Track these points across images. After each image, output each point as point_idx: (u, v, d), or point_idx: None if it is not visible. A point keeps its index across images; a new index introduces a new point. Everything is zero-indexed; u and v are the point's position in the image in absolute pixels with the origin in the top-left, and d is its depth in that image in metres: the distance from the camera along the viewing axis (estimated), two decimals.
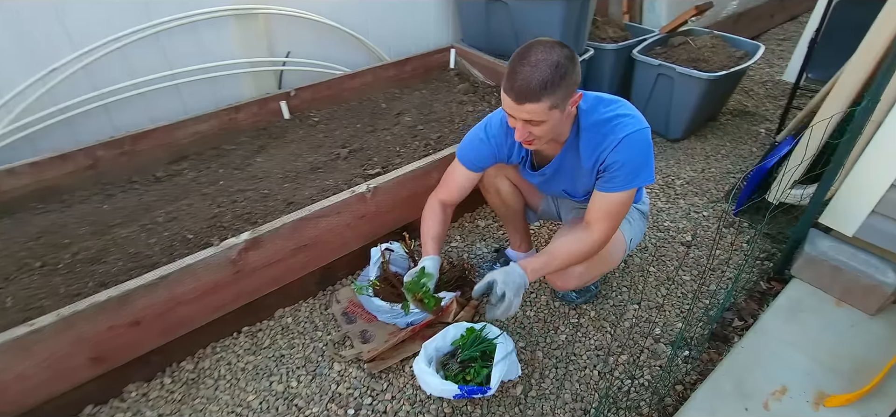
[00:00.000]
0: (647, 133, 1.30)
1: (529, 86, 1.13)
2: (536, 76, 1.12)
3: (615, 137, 1.28)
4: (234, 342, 1.67)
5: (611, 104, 1.32)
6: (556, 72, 1.13)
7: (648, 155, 1.32)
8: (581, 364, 1.67)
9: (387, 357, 1.63)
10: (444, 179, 1.63)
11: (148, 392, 1.50)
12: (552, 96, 1.15)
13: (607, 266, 1.59)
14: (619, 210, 1.37)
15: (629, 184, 1.32)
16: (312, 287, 1.86)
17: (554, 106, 1.17)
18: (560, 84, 1.15)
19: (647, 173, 1.32)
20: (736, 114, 3.26)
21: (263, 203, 1.90)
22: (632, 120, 1.29)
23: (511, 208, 1.79)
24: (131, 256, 1.60)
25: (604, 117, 1.31)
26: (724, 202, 2.44)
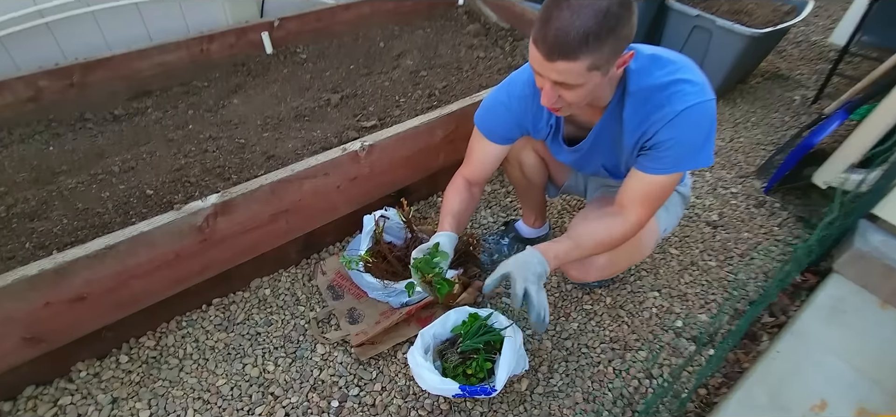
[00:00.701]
0: (712, 106, 1.04)
1: (566, 37, 0.86)
2: (577, 25, 0.85)
3: (671, 109, 1.02)
4: (202, 316, 1.47)
5: (668, 65, 1.04)
6: (604, 22, 0.85)
7: (710, 134, 1.06)
8: (594, 357, 1.49)
9: (377, 341, 1.43)
10: (467, 151, 1.35)
11: (100, 371, 1.30)
12: (594, 53, 0.88)
13: (635, 257, 1.37)
14: (660, 194, 1.13)
15: (679, 167, 1.08)
16: (294, 254, 1.64)
17: (595, 66, 0.90)
18: (607, 38, 0.87)
19: (704, 155, 1.07)
20: (768, 78, 2.97)
21: (238, 155, 1.64)
22: (695, 88, 1.02)
23: (533, 184, 1.54)
24: (78, 213, 1.36)
25: (659, 82, 1.03)
26: (755, 178, 2.21)
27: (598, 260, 1.26)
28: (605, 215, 1.19)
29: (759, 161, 2.30)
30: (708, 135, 1.05)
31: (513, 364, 1.28)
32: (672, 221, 1.42)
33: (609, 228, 1.16)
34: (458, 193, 1.34)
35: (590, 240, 1.17)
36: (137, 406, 1.25)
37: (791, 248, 1.87)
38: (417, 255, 1.25)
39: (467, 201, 1.34)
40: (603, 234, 1.16)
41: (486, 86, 2.14)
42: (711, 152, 1.08)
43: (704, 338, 1.57)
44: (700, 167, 1.09)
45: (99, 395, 1.25)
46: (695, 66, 1.06)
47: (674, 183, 1.12)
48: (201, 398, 1.29)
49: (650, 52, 1.06)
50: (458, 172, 1.36)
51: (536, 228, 1.73)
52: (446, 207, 1.33)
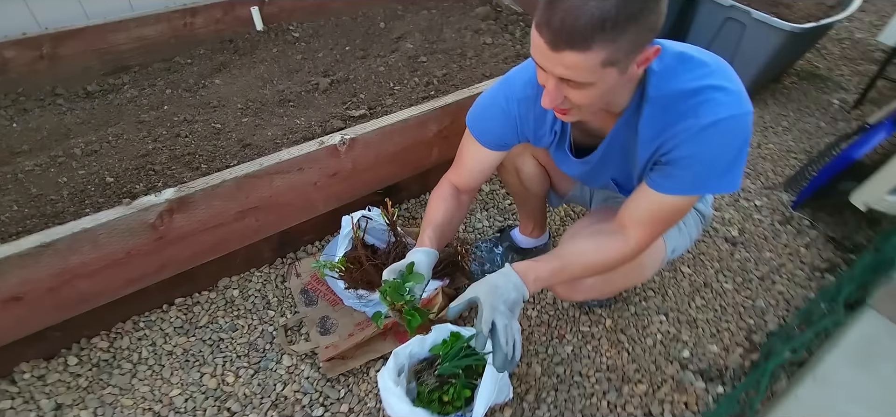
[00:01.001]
0: (747, 121, 0.84)
1: (576, 21, 0.69)
2: (591, 5, 0.68)
3: (696, 121, 0.83)
4: (162, 317, 1.36)
5: (699, 68, 0.85)
6: (625, 5, 0.68)
7: (740, 154, 0.87)
8: (587, 388, 1.35)
9: (348, 357, 1.31)
10: (457, 154, 1.18)
11: (46, 373, 1.21)
12: (611, 44, 0.71)
13: (633, 280, 1.20)
14: (669, 217, 0.96)
15: (697, 190, 0.90)
16: (267, 253, 1.52)
17: (611, 61, 0.73)
18: (628, 26, 0.70)
19: (730, 179, 0.88)
20: (804, 77, 2.72)
21: (212, 141, 1.51)
22: (729, 98, 0.83)
23: (532, 193, 1.38)
24: (31, 199, 1.25)
25: (685, 87, 0.84)
26: (783, 190, 2.00)
27: (588, 280, 1.11)
28: (600, 233, 1.02)
29: (788, 171, 2.09)
30: (737, 155, 0.86)
31: (493, 393, 1.14)
32: (684, 243, 1.24)
33: (604, 250, 1.00)
34: (444, 202, 1.17)
35: (579, 262, 1.00)
36: (82, 414, 1.16)
37: (818, 274, 1.68)
38: (387, 277, 1.06)
39: (453, 211, 1.17)
40: (595, 256, 1.00)
41: (490, 76, 1.97)
42: (739, 175, 0.89)
43: (713, 374, 1.41)
44: (723, 192, 0.91)
45: (42, 400, 1.16)
46: (731, 70, 0.87)
47: (687, 206, 0.94)
48: (152, 409, 1.19)
49: (678, 51, 0.87)
50: (446, 176, 1.19)
51: (534, 238, 1.58)
52: (428, 217, 1.17)
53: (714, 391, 1.36)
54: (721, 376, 1.41)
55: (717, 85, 0.83)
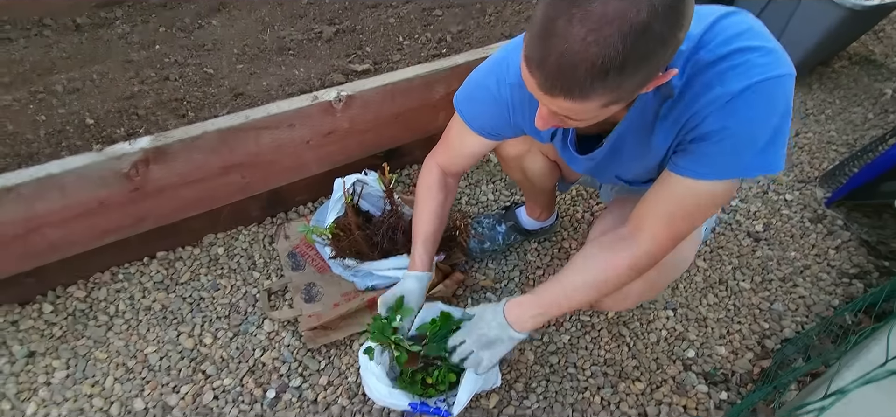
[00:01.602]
0: (788, 84, 0.69)
1: (573, 71, 0.56)
2: (592, 53, 0.54)
3: (727, 89, 0.67)
4: (142, 270, 1.31)
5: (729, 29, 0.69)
6: (636, 48, 0.54)
7: (783, 124, 0.71)
8: (581, 381, 1.27)
9: (331, 328, 1.25)
10: (445, 134, 1.04)
11: (19, 319, 1.18)
12: (614, 91, 0.58)
13: (678, 271, 1.08)
14: (696, 213, 0.80)
15: (733, 172, 0.73)
16: (256, 212, 1.45)
17: (613, 102, 0.62)
18: (639, 68, 0.57)
19: (772, 156, 0.71)
20: (856, 62, 2.47)
21: (203, 87, 1.42)
22: (765, 58, 0.67)
23: (538, 187, 1.27)
24: (6, 136, 1.19)
25: (711, 57, 0.69)
26: (818, 185, 1.84)
27: (634, 288, 0.95)
28: (605, 247, 0.87)
29: (826, 165, 1.91)
30: (779, 126, 0.70)
31: (479, 381, 1.07)
32: (712, 220, 1.11)
33: (612, 262, 0.85)
34: (432, 200, 1.05)
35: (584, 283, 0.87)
36: (55, 364, 1.13)
37: (845, 280, 1.55)
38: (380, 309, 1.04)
39: (443, 208, 1.07)
40: (603, 272, 0.86)
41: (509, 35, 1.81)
42: (783, 153, 0.73)
43: (717, 376, 1.32)
44: (766, 173, 0.74)
45: (14, 346, 1.13)
46: (767, 31, 0.72)
47: (719, 197, 0.78)
48: (125, 365, 1.15)
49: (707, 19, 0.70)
50: (432, 156, 1.07)
51: (541, 221, 1.47)
52: (418, 225, 1.06)
53: (717, 396, 1.27)
54: (726, 381, 1.31)
55: (748, 46, 0.67)
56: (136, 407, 1.11)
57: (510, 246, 1.51)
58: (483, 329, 0.93)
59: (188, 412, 1.11)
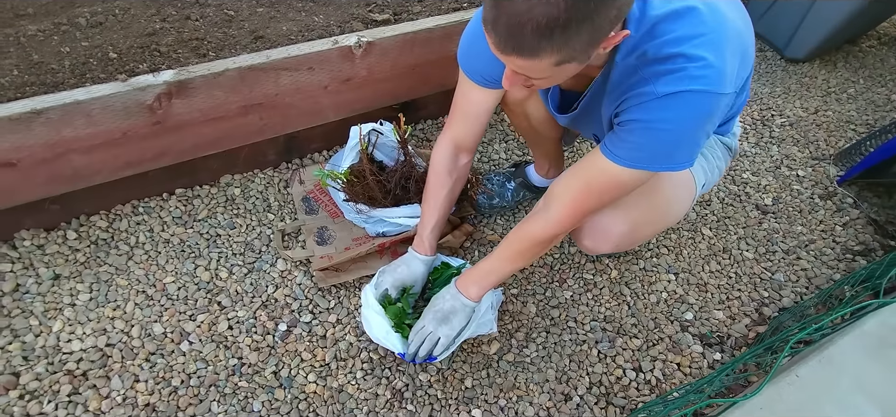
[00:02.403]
0: (713, 101, 0.73)
1: (520, 30, 0.60)
2: (536, 12, 0.58)
3: (654, 90, 0.73)
4: (161, 205, 1.35)
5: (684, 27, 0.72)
6: (574, 10, 0.58)
7: (696, 134, 0.78)
8: (580, 334, 1.31)
9: (342, 269, 1.30)
10: (452, 104, 1.06)
11: (45, 244, 1.23)
12: (562, 49, 0.62)
13: (662, 223, 1.13)
14: (604, 193, 0.88)
15: (640, 164, 0.80)
16: (273, 156, 1.48)
17: (565, 60, 0.65)
18: (581, 27, 0.60)
19: (680, 158, 0.80)
20: (885, 42, 2.41)
21: (223, 28, 1.43)
22: (702, 70, 0.71)
23: (543, 136, 1.29)
24: (32, 65, 1.22)
25: (659, 52, 0.73)
26: (832, 163, 1.83)
27: (615, 227, 1.02)
28: (525, 220, 1.00)
29: (843, 143, 1.90)
30: (693, 134, 0.77)
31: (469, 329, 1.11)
32: (713, 177, 1.15)
33: (528, 235, 0.98)
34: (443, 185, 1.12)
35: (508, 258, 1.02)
36: (79, 287, 1.18)
37: (849, 256, 1.56)
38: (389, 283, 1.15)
39: (451, 190, 1.14)
40: (520, 245, 0.99)
41: None
42: (693, 156, 0.81)
43: (712, 338, 1.35)
44: (672, 170, 0.81)
45: (41, 268, 1.19)
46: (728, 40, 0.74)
47: (627, 184, 0.85)
48: (145, 292, 1.21)
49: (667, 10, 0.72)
50: (444, 130, 1.10)
51: (549, 178, 1.48)
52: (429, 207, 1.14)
53: (711, 356, 1.31)
54: (721, 343, 1.35)
55: (690, 54, 0.71)
56: (155, 331, 1.17)
57: (519, 203, 1.53)
58: (439, 304, 1.05)
59: (204, 338, 1.17)
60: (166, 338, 1.16)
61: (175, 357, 1.13)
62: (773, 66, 2.19)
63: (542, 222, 0.94)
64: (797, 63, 2.21)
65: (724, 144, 1.11)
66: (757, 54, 2.24)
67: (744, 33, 0.81)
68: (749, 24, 0.87)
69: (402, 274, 1.15)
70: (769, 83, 2.11)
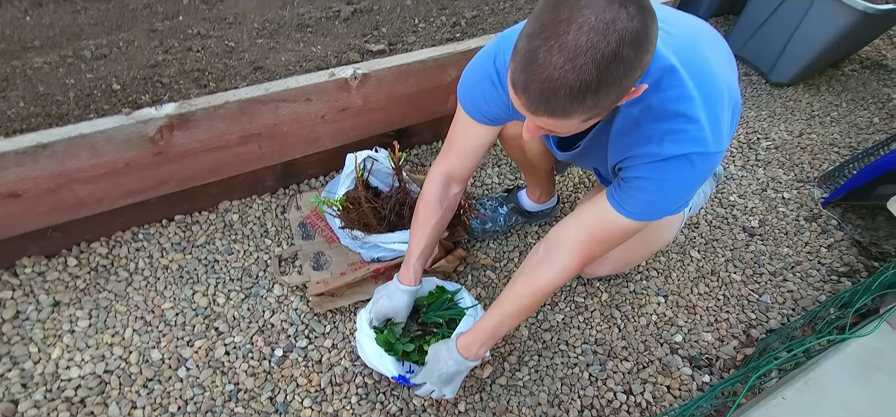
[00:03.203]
0: (712, 160, 0.79)
1: (554, 95, 0.62)
2: (570, 79, 0.60)
3: (660, 151, 0.78)
4: (161, 231, 1.38)
5: (681, 88, 0.76)
6: (609, 73, 0.60)
7: (694, 189, 0.85)
8: (571, 357, 1.34)
9: (337, 295, 1.32)
10: (449, 135, 1.08)
11: (46, 270, 1.26)
12: (592, 109, 0.64)
13: (654, 247, 1.19)
14: (610, 240, 0.93)
15: (647, 216, 0.86)
16: (270, 182, 1.51)
17: (592, 117, 0.68)
18: (610, 90, 0.62)
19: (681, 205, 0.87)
20: (867, 66, 2.49)
21: (224, 59, 1.47)
22: (701, 132, 0.76)
23: (537, 167, 1.34)
24: (38, 97, 1.25)
25: (662, 108, 0.77)
26: (816, 185, 1.88)
27: (611, 252, 1.06)
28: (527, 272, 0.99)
29: (827, 166, 1.95)
30: (686, 192, 0.85)
31: None
32: (699, 200, 1.20)
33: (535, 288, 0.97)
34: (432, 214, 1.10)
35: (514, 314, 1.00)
36: (78, 313, 1.21)
37: (834, 277, 1.60)
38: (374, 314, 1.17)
39: (439, 221, 1.12)
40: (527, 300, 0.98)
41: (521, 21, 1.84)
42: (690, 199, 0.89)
43: (701, 360, 1.38)
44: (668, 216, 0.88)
45: (41, 295, 1.21)
46: (718, 98, 0.79)
47: (629, 233, 0.91)
48: (143, 318, 1.23)
49: (666, 64, 0.76)
50: (437, 163, 1.10)
51: (541, 203, 1.52)
52: (416, 234, 1.11)
53: (700, 379, 1.34)
54: (710, 365, 1.38)
55: (692, 116, 0.76)
56: (153, 357, 1.19)
57: (511, 227, 1.57)
58: (440, 368, 1.04)
59: (201, 364, 1.19)
60: (164, 364, 1.18)
61: (172, 383, 1.15)
62: (759, 90, 2.26)
63: (551, 273, 0.94)
64: (782, 87, 2.27)
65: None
66: (743, 78, 2.31)
67: (731, 82, 0.86)
68: (732, 62, 0.91)
69: (384, 307, 1.14)
70: (755, 107, 2.17)
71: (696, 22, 0.89)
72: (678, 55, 0.77)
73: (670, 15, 0.85)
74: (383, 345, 1.13)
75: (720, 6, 2.54)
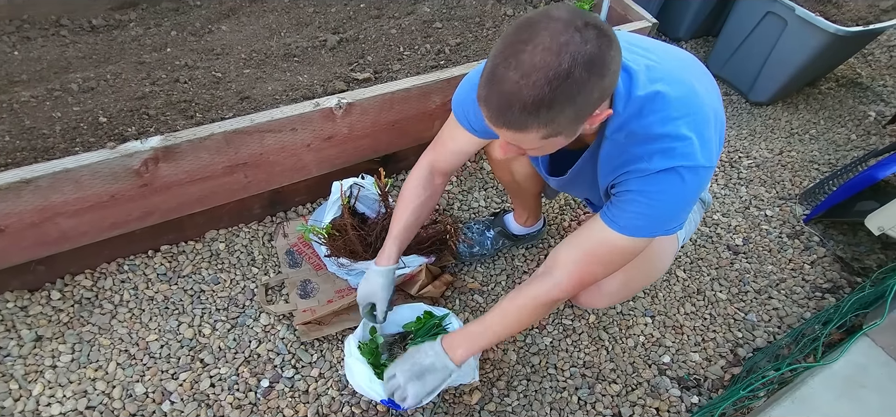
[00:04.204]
0: (700, 175, 0.82)
1: (509, 108, 0.68)
2: (524, 94, 0.66)
3: (649, 166, 0.80)
4: (146, 262, 1.38)
5: (666, 111, 0.80)
6: (561, 91, 0.65)
7: (688, 204, 0.86)
8: (560, 381, 1.34)
9: (325, 323, 1.32)
10: (440, 134, 1.13)
11: (29, 305, 1.24)
12: (549, 125, 0.69)
13: (651, 277, 1.19)
14: (607, 259, 0.92)
15: (640, 232, 0.87)
16: (257, 210, 1.52)
17: (552, 134, 0.72)
18: (565, 107, 0.67)
19: (674, 225, 0.88)
20: (843, 84, 2.55)
21: (211, 90, 1.49)
22: (688, 147, 0.79)
23: (525, 190, 1.36)
24: (24, 131, 1.26)
25: (648, 132, 0.80)
26: (797, 202, 1.91)
27: (609, 284, 1.07)
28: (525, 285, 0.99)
29: (807, 183, 1.99)
30: (685, 203, 0.86)
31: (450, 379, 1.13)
32: (691, 229, 1.22)
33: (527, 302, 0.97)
34: (416, 197, 1.12)
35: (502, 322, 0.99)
36: (61, 348, 1.19)
37: (818, 294, 1.62)
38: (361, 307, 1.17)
39: (425, 203, 1.14)
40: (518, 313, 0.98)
41: None
42: (684, 221, 0.89)
43: (690, 381, 1.38)
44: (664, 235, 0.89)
45: (23, 330, 1.20)
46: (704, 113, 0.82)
47: (628, 253, 0.90)
48: (127, 351, 1.22)
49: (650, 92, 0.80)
50: (425, 155, 1.15)
51: (528, 226, 1.54)
52: (399, 215, 1.13)
53: (688, 400, 1.34)
54: (698, 386, 1.38)
55: (679, 134, 0.79)
56: (136, 391, 1.17)
57: (499, 251, 1.58)
58: (417, 357, 1.01)
59: (185, 397, 1.18)
60: (148, 398, 1.17)
61: None
62: (739, 109, 2.31)
63: (546, 285, 0.95)
64: (761, 106, 2.32)
65: (700, 199, 1.18)
66: (722, 98, 2.35)
67: (717, 108, 0.89)
68: (717, 93, 0.95)
69: (364, 290, 1.14)
70: (736, 125, 2.21)
71: (680, 53, 0.94)
72: (663, 82, 0.80)
73: (655, 46, 0.89)
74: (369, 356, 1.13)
75: (699, 28, 2.61)
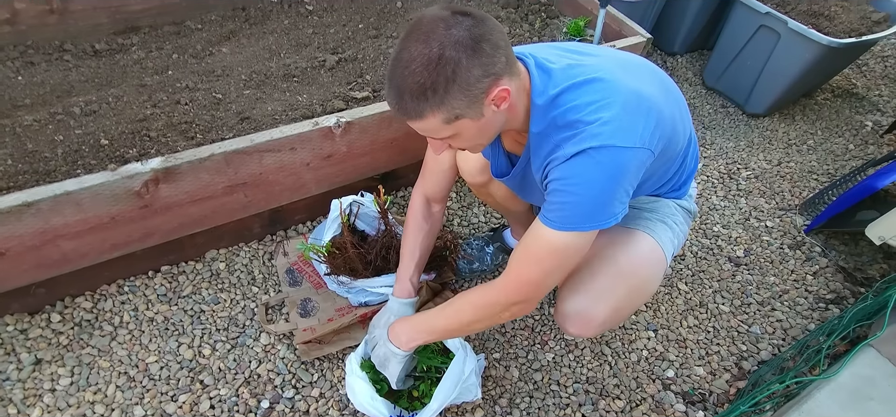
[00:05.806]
0: (616, 155, 0.80)
1: (401, 100, 0.77)
2: (409, 83, 0.75)
3: (563, 152, 0.82)
4: (146, 283, 1.38)
5: (582, 98, 0.82)
6: (438, 72, 0.72)
7: (611, 188, 0.82)
8: (563, 398, 1.32)
9: (325, 342, 1.31)
10: (424, 164, 1.17)
11: (29, 328, 1.24)
12: (442, 107, 0.75)
13: (641, 299, 1.15)
14: (545, 260, 0.89)
15: (567, 224, 0.84)
16: (257, 229, 1.52)
17: (453, 117, 0.77)
18: (449, 88, 0.73)
19: (603, 215, 0.84)
20: (838, 95, 2.57)
21: (211, 111, 1.51)
22: (599, 128, 0.79)
23: (509, 209, 1.37)
24: (26, 155, 1.27)
25: (562, 120, 0.83)
26: (798, 213, 1.91)
27: (597, 314, 1.03)
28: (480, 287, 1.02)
29: (807, 193, 1.99)
30: (609, 189, 0.82)
31: (451, 393, 1.12)
32: (679, 242, 1.19)
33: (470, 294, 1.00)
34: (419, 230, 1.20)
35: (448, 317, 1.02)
36: (60, 371, 1.19)
37: (822, 305, 1.61)
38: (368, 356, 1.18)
39: (429, 236, 1.21)
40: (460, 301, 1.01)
41: None
42: (617, 211, 0.85)
43: (695, 395, 1.37)
44: (597, 228, 0.86)
45: (22, 353, 1.20)
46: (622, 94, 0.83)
47: (573, 246, 0.87)
48: (127, 373, 1.21)
49: (568, 84, 0.83)
50: (416, 186, 1.21)
51: None
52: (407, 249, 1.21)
53: (694, 415, 1.32)
54: (703, 400, 1.37)
55: (589, 120, 0.81)
56: (135, 414, 1.16)
57: (498, 266, 1.57)
58: (378, 350, 1.10)
59: None
60: None
61: None
62: (737, 121, 2.32)
63: (489, 287, 0.97)
64: (758, 117, 2.34)
65: (684, 209, 1.17)
66: (720, 110, 2.38)
67: (660, 103, 0.87)
68: (674, 98, 0.95)
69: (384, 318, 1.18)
70: (733, 137, 2.22)
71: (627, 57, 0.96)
72: (582, 76, 0.84)
73: (596, 51, 0.94)
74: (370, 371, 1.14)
75: (694, 42, 2.64)
